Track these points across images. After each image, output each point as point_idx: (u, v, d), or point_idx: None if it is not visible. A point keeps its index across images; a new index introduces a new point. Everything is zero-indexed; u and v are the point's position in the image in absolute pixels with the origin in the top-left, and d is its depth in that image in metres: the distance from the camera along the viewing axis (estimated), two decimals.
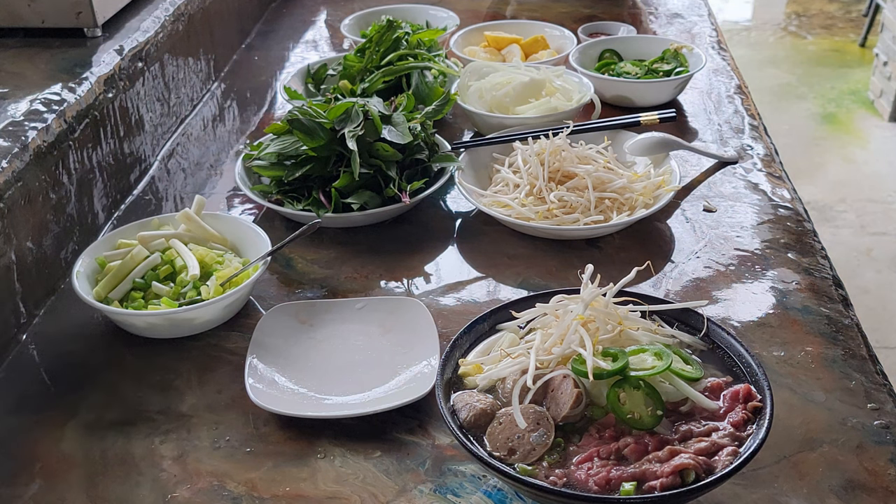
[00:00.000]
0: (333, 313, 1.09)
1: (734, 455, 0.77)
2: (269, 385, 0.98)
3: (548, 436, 0.81)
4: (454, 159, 1.33)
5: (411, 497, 0.86)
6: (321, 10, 2.21)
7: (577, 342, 0.85)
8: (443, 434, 0.93)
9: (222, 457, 0.92)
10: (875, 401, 0.95)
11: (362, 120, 1.26)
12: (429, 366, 0.99)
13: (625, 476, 0.77)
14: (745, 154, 1.45)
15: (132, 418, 0.97)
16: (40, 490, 0.89)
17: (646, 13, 2.10)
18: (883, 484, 0.85)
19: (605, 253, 1.21)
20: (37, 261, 1.13)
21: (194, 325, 1.07)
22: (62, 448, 0.94)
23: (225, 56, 1.86)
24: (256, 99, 1.75)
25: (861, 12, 5.35)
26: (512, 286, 1.16)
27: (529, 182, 1.26)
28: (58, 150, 1.17)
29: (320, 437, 0.93)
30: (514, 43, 1.78)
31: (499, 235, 1.26)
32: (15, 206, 1.07)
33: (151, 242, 1.14)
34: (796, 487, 0.85)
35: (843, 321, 1.06)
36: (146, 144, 1.46)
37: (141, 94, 1.43)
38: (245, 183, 1.31)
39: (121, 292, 1.08)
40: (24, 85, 1.24)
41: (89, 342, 1.09)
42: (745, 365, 0.87)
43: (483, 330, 0.94)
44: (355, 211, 1.23)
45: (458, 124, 1.58)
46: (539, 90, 1.52)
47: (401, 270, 1.20)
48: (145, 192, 1.42)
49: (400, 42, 1.58)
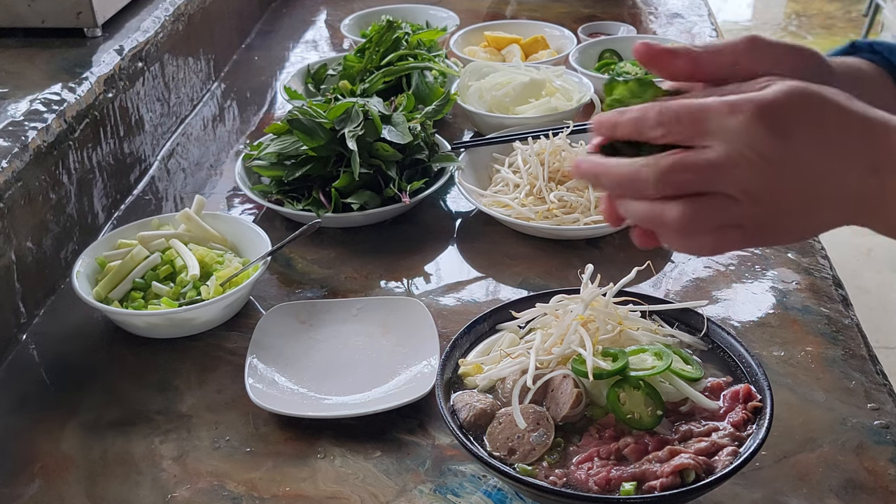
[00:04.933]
0: (333, 313, 1.09)
1: (734, 455, 0.77)
2: (269, 385, 0.98)
3: (548, 436, 0.81)
4: (454, 159, 1.33)
5: (411, 497, 0.86)
6: (321, 10, 2.21)
7: (577, 342, 0.85)
8: (443, 434, 0.93)
9: (222, 457, 0.92)
10: (875, 401, 0.95)
11: (362, 120, 1.26)
12: (429, 366, 0.99)
13: (625, 476, 0.77)
14: None
15: (132, 418, 0.97)
16: (40, 490, 0.89)
17: (646, 13, 2.10)
18: (883, 484, 0.85)
19: (605, 253, 1.21)
20: (37, 261, 1.13)
21: (194, 325, 1.08)
22: (62, 448, 0.94)
23: (225, 56, 1.86)
24: (256, 99, 1.75)
25: (861, 12, 5.35)
26: (512, 286, 1.16)
27: (529, 182, 1.26)
28: (58, 150, 1.17)
29: (320, 437, 0.93)
30: (514, 43, 1.78)
31: (499, 235, 1.26)
32: (15, 206, 1.07)
33: (151, 242, 1.14)
34: (796, 487, 0.85)
35: (843, 321, 1.06)
36: (146, 144, 1.46)
37: (141, 94, 1.43)
38: (245, 183, 1.31)
39: (121, 292, 1.08)
40: (24, 85, 1.24)
41: (89, 342, 1.09)
42: (745, 365, 0.87)
43: (483, 330, 0.94)
44: (355, 211, 1.23)
45: (458, 124, 1.58)
46: (539, 90, 1.52)
47: (401, 270, 1.20)
48: (145, 192, 1.42)
49: (400, 42, 1.58)
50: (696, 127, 0.57)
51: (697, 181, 0.58)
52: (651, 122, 0.59)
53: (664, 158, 0.58)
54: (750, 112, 0.56)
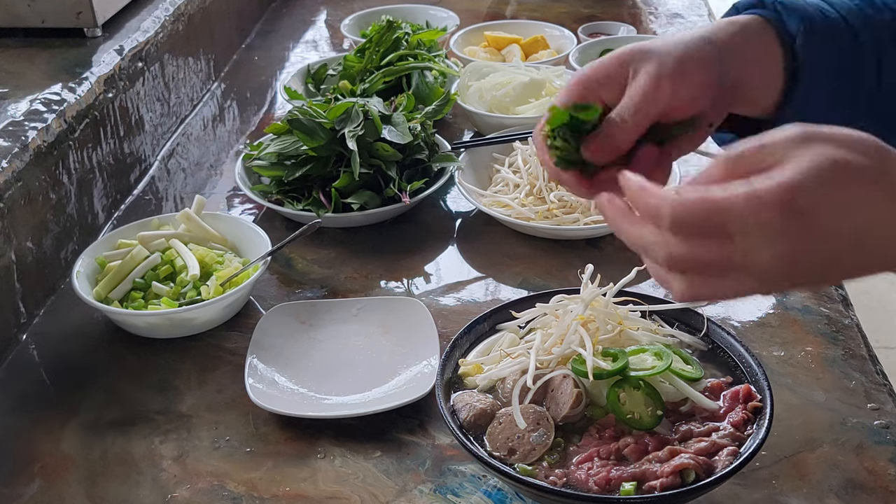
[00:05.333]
0: (333, 313, 1.09)
1: (734, 455, 0.77)
2: (269, 385, 0.98)
3: (548, 436, 0.81)
4: (454, 159, 1.33)
5: (411, 497, 0.86)
6: (321, 10, 2.21)
7: (577, 342, 0.85)
8: (443, 434, 0.93)
9: (222, 457, 0.92)
10: (875, 401, 0.95)
11: (362, 120, 1.26)
12: (429, 366, 0.99)
13: (625, 476, 0.77)
14: None
15: (132, 418, 0.97)
16: (40, 490, 0.89)
17: (646, 13, 2.10)
18: (883, 484, 0.85)
19: (605, 253, 1.21)
20: (37, 261, 1.13)
21: (194, 325, 1.08)
22: (62, 448, 0.94)
23: (225, 56, 1.86)
24: (256, 99, 1.75)
25: None
26: (512, 286, 1.16)
27: (529, 182, 1.26)
28: (58, 150, 1.17)
29: (320, 437, 0.93)
30: (514, 43, 1.77)
31: (499, 235, 1.26)
32: (15, 206, 1.07)
33: (151, 242, 1.14)
34: (796, 487, 0.85)
35: (843, 321, 1.06)
36: (146, 144, 1.46)
37: (141, 94, 1.43)
38: (245, 183, 1.31)
39: (121, 292, 1.08)
40: (24, 85, 1.24)
41: (89, 342, 1.09)
42: (745, 365, 0.87)
43: (483, 330, 0.94)
44: (355, 211, 1.23)
45: (458, 124, 1.58)
46: (539, 90, 1.52)
47: (401, 270, 1.20)
48: (145, 192, 1.42)
49: (400, 42, 1.58)
50: (714, 230, 0.54)
51: (709, 271, 0.56)
52: (666, 222, 0.55)
53: (678, 246, 0.55)
54: (775, 208, 0.52)
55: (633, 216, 0.59)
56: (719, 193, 0.54)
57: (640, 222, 0.58)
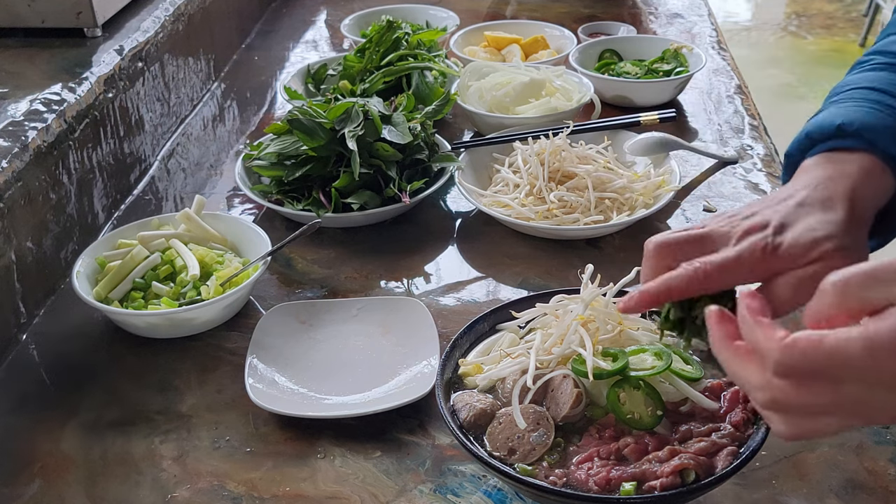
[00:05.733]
0: (333, 313, 1.10)
1: (734, 455, 0.77)
2: (269, 385, 0.98)
3: (548, 436, 0.81)
4: (454, 159, 1.33)
5: (411, 497, 0.86)
6: (321, 10, 2.21)
7: (577, 342, 0.85)
8: (443, 434, 0.93)
9: (222, 457, 0.92)
10: None
11: (362, 120, 1.26)
12: (429, 366, 0.99)
13: (625, 476, 0.77)
14: (745, 154, 1.45)
15: (132, 418, 0.97)
16: (40, 490, 0.89)
17: (646, 13, 2.10)
18: (883, 484, 0.85)
19: (605, 253, 1.21)
20: (37, 261, 1.13)
21: (194, 325, 1.08)
22: (62, 448, 0.94)
23: (225, 56, 1.86)
24: (256, 99, 1.75)
25: (861, 12, 5.35)
26: (512, 286, 1.16)
27: (529, 182, 1.26)
28: (58, 150, 1.17)
29: (320, 437, 0.93)
30: (514, 43, 1.78)
31: (499, 235, 1.26)
32: (15, 206, 1.07)
33: (151, 242, 1.14)
34: (796, 487, 0.85)
35: None
36: (146, 144, 1.46)
37: (141, 94, 1.43)
38: (245, 183, 1.31)
39: (121, 292, 1.08)
40: (24, 85, 1.24)
41: (89, 342, 1.09)
42: None
43: (483, 330, 0.94)
44: (355, 211, 1.23)
45: (458, 124, 1.58)
46: (539, 90, 1.52)
47: (401, 270, 1.20)
48: (145, 192, 1.42)
49: (400, 42, 1.58)
50: (825, 377, 0.54)
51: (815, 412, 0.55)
52: (770, 365, 0.55)
53: (782, 391, 0.55)
54: (892, 357, 0.51)
55: (738, 348, 0.59)
56: (832, 342, 0.53)
57: (746, 358, 0.59)
